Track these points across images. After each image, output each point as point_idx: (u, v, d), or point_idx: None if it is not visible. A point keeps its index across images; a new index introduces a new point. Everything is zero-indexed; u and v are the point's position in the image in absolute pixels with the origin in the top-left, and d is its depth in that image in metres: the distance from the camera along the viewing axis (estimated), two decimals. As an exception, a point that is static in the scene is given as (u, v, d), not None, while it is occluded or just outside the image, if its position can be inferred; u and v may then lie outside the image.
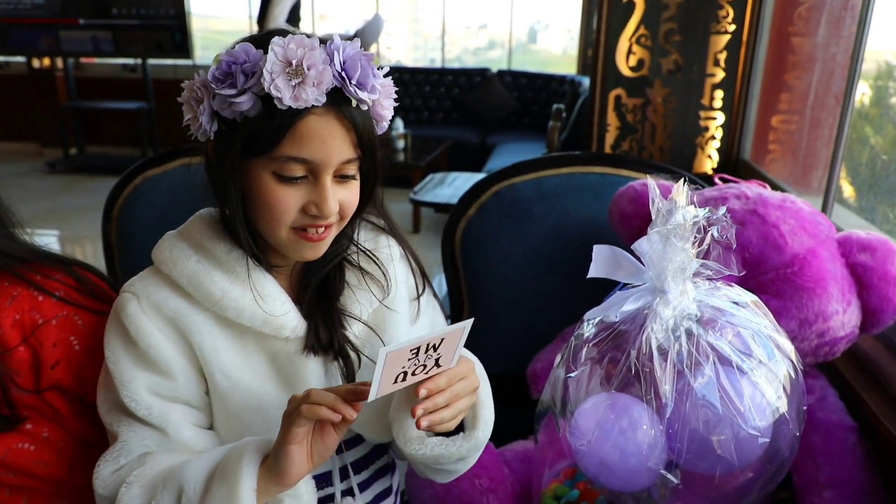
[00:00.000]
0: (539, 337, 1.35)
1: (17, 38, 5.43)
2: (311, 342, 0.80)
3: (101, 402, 0.81)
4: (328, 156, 0.72)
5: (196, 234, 0.80)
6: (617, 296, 0.82)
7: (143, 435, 0.78)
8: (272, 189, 0.73)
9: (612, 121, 2.14)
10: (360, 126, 0.73)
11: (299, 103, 0.68)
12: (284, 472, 0.68)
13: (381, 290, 0.85)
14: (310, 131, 0.71)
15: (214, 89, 0.70)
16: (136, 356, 0.78)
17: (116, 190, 1.36)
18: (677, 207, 0.73)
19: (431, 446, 0.78)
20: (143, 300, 0.78)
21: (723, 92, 2.03)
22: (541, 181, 1.39)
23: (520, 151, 4.42)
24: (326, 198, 0.73)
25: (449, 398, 0.71)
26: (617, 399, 0.79)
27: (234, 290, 0.77)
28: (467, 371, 0.73)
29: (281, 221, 0.74)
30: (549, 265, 1.37)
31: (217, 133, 0.73)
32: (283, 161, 0.72)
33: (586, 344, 0.83)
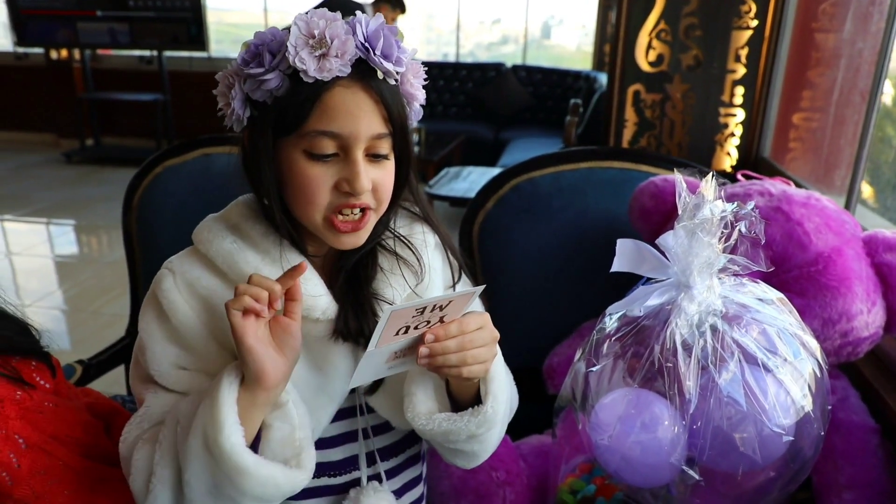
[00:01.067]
0: (556, 332, 1.35)
1: (36, 30, 5.48)
2: (339, 327, 0.80)
3: (132, 375, 0.84)
4: (357, 129, 0.72)
5: (234, 217, 0.82)
6: (640, 290, 0.82)
7: (165, 400, 0.80)
8: (303, 168, 0.73)
9: (630, 116, 2.12)
10: (388, 99, 0.73)
11: (324, 74, 0.69)
12: (257, 372, 0.68)
13: (415, 276, 0.85)
14: (337, 103, 0.71)
15: (244, 70, 0.71)
16: (167, 330, 0.79)
17: (136, 180, 1.37)
18: (705, 202, 0.73)
19: (439, 422, 0.78)
20: (179, 277, 0.79)
21: (743, 88, 2.01)
22: (560, 175, 1.38)
23: (534, 147, 4.40)
24: (358, 173, 0.73)
25: (460, 344, 0.71)
26: (638, 394, 0.79)
27: (267, 270, 0.78)
28: (483, 321, 0.73)
29: (314, 203, 0.74)
30: (567, 260, 1.36)
31: (250, 119, 0.75)
32: (312, 137, 0.72)
33: (608, 338, 0.82)
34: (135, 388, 0.83)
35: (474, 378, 0.74)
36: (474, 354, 0.72)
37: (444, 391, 0.82)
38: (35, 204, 4.58)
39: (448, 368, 0.72)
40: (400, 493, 0.89)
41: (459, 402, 0.81)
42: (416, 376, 0.79)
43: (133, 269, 1.42)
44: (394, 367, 0.73)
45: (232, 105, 0.73)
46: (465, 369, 0.72)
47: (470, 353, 0.71)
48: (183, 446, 0.71)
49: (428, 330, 0.70)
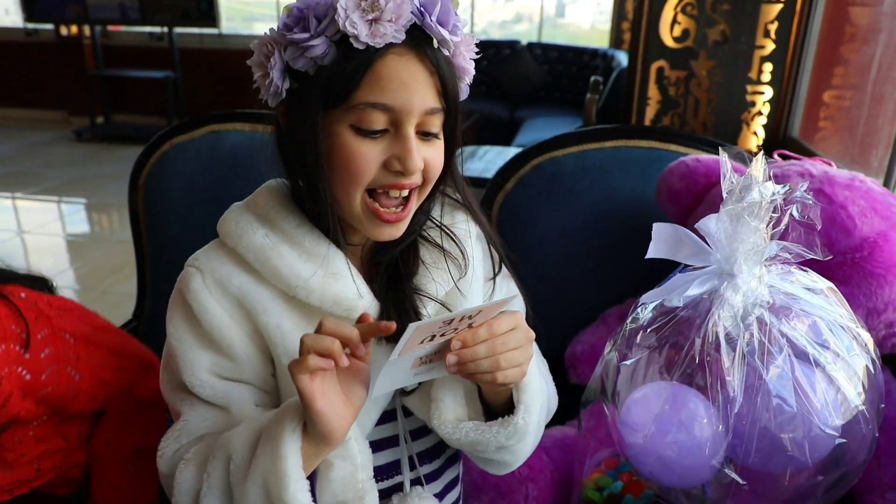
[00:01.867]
0: (578, 318, 1.29)
1: (45, 5, 5.43)
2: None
3: (163, 381, 0.78)
4: (410, 101, 0.66)
5: (263, 206, 0.76)
6: (677, 278, 0.76)
7: (204, 414, 0.75)
8: (350, 144, 0.67)
9: (654, 94, 2.05)
10: (444, 70, 0.67)
11: (377, 40, 0.63)
12: (324, 432, 0.62)
13: (458, 270, 0.80)
14: (389, 72, 0.65)
15: (286, 36, 0.65)
16: (198, 335, 0.74)
17: (143, 157, 1.32)
18: (754, 183, 0.66)
19: (465, 431, 0.73)
20: (208, 275, 0.74)
21: (772, 65, 1.92)
22: (584, 155, 1.31)
23: (550, 126, 4.32)
24: (411, 149, 0.67)
25: (491, 349, 0.65)
26: (675, 390, 0.74)
27: (304, 267, 0.72)
28: (516, 321, 0.67)
29: (359, 182, 0.69)
30: (590, 243, 1.30)
31: (289, 92, 0.69)
32: (361, 109, 0.66)
33: (642, 329, 0.77)
34: (167, 395, 0.77)
35: (511, 383, 0.69)
36: (508, 358, 0.66)
37: (477, 395, 0.77)
38: (45, 182, 4.56)
39: (481, 375, 0.66)
40: (441, 496, 0.85)
41: (493, 407, 0.76)
42: (445, 380, 0.74)
43: (140, 250, 1.37)
44: (420, 373, 0.68)
45: (271, 75, 0.67)
46: (499, 374, 0.66)
47: (503, 357, 0.65)
48: (240, 489, 0.66)
49: (455, 336, 0.64)
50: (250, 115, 1.31)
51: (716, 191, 1.11)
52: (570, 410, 1.24)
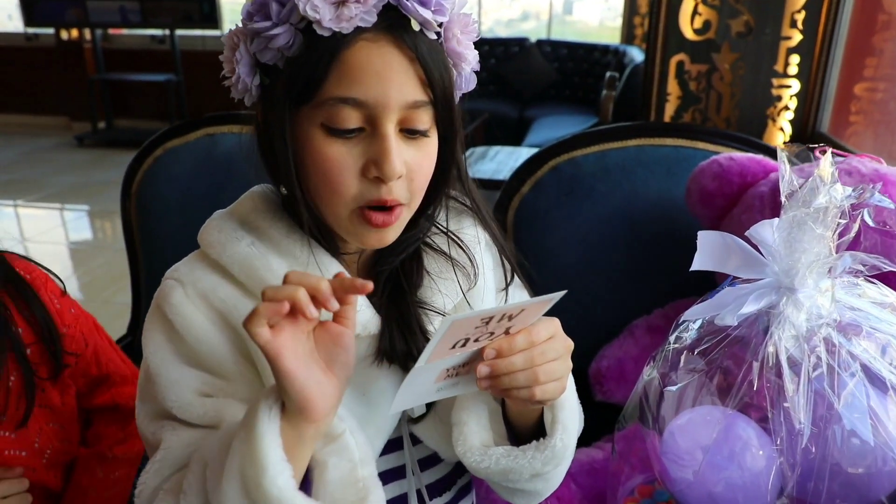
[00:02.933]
0: (603, 331, 1.21)
1: (45, 9, 5.38)
2: (384, 347, 0.66)
3: (139, 413, 0.69)
4: (385, 94, 0.58)
5: (249, 213, 0.68)
6: (726, 293, 0.67)
7: (188, 440, 0.65)
8: (322, 146, 0.59)
9: (673, 90, 1.95)
10: (426, 56, 0.59)
11: (343, 25, 0.56)
12: (301, 402, 0.52)
13: (467, 280, 0.72)
14: (360, 62, 0.57)
15: (248, 25, 0.59)
16: (184, 353, 0.66)
17: (135, 163, 1.25)
18: (822, 185, 0.57)
19: (496, 458, 0.65)
20: (190, 288, 0.66)
21: (799, 57, 1.83)
22: (605, 155, 1.23)
23: (561, 125, 4.22)
24: (388, 150, 0.59)
25: (529, 360, 0.56)
26: (729, 420, 0.65)
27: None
28: (555, 328, 0.59)
29: (338, 191, 0.60)
30: (613, 250, 1.22)
31: (260, 89, 0.61)
32: (330, 106, 0.58)
33: (687, 350, 0.68)
34: (145, 428, 0.68)
35: (548, 400, 0.60)
36: (547, 370, 0.57)
37: (500, 416, 0.69)
38: (47, 189, 4.50)
39: (517, 391, 0.57)
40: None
41: (518, 430, 0.68)
42: (466, 400, 0.66)
43: (134, 261, 1.30)
44: (444, 388, 0.60)
45: (237, 71, 0.60)
46: (537, 389, 0.57)
47: (542, 370, 0.57)
48: (215, 494, 0.55)
49: (489, 344, 0.56)
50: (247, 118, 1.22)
51: (752, 192, 1.03)
52: (595, 431, 1.15)
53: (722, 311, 0.65)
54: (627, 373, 1.12)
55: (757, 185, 1.03)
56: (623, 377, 1.12)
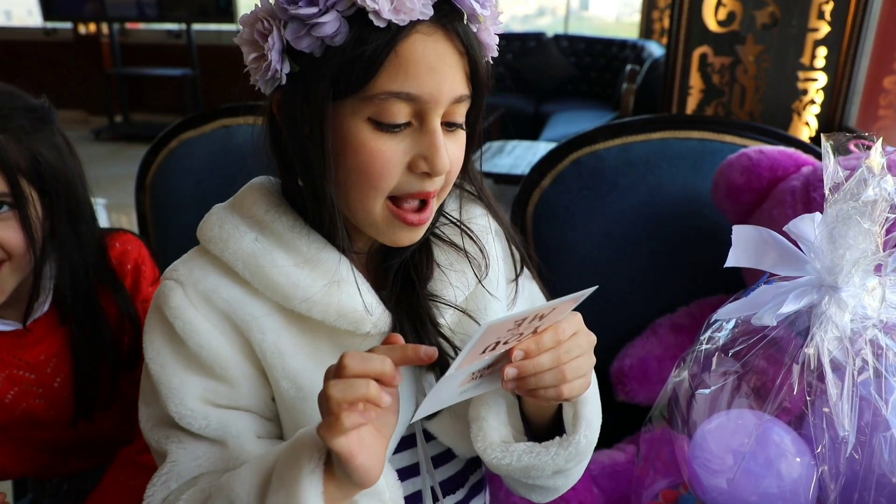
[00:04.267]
0: (624, 329, 1.18)
1: (64, 4, 5.40)
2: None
3: (142, 417, 0.67)
4: (438, 88, 0.56)
5: (252, 207, 0.65)
6: (762, 291, 0.64)
7: (195, 452, 0.64)
8: (368, 140, 0.57)
9: (696, 83, 1.91)
10: (475, 50, 0.57)
11: (401, 17, 0.53)
12: (361, 481, 0.51)
13: (479, 270, 0.69)
14: (416, 55, 0.55)
15: (289, 11, 0.54)
16: (185, 358, 0.63)
17: (150, 155, 1.23)
18: (871, 177, 0.54)
19: (518, 454, 0.63)
20: (190, 289, 0.63)
21: (826, 49, 1.78)
22: (628, 148, 1.20)
23: (578, 120, 4.17)
24: (439, 146, 0.57)
25: (556, 359, 0.55)
26: (766, 426, 0.62)
27: (301, 275, 0.62)
28: (578, 323, 0.58)
29: (380, 186, 0.58)
30: (637, 245, 1.18)
31: (290, 77, 0.57)
32: (381, 100, 0.56)
33: (720, 351, 0.65)
34: (148, 434, 0.66)
35: (574, 397, 0.59)
36: (573, 367, 0.56)
37: (518, 410, 0.67)
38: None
39: (544, 390, 0.56)
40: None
41: (535, 424, 0.66)
42: (484, 396, 0.64)
43: (149, 255, 1.28)
44: (468, 390, 0.58)
45: (268, 58, 0.56)
46: (564, 388, 0.56)
47: (568, 367, 0.56)
48: None
49: (516, 346, 0.54)
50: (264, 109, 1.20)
51: (783, 186, 0.99)
52: (617, 432, 1.12)
53: (758, 310, 0.62)
54: (650, 372, 1.09)
55: (788, 179, 0.99)
56: (646, 377, 1.09)
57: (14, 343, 0.88)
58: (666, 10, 4.67)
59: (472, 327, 0.68)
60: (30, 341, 0.89)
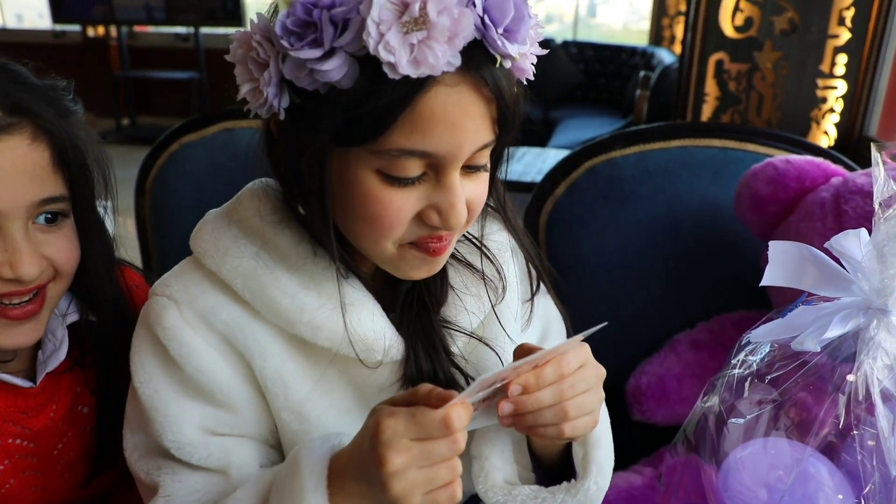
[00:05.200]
0: (641, 345, 1.13)
1: (71, 6, 5.41)
2: (410, 372, 0.60)
3: (128, 446, 0.62)
4: (459, 145, 0.50)
5: (252, 218, 0.59)
6: (801, 312, 0.59)
7: (193, 486, 0.58)
8: (375, 191, 0.51)
9: (711, 90, 1.86)
10: (506, 95, 0.50)
11: (422, 70, 0.45)
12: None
13: (494, 293, 0.64)
14: (435, 111, 0.48)
15: (287, 49, 0.47)
16: (182, 383, 0.58)
17: (150, 159, 1.19)
18: (928, 190, 0.49)
19: (522, 499, 0.59)
20: (186, 307, 0.58)
21: (847, 56, 1.73)
22: (646, 156, 1.15)
23: (588, 126, 4.13)
24: (454, 203, 0.52)
25: (557, 395, 0.51)
26: (792, 452, 0.57)
27: (308, 297, 0.57)
28: (585, 355, 0.53)
29: (387, 235, 0.53)
30: (654, 258, 1.14)
31: (289, 109, 0.51)
32: (393, 156, 0.49)
33: (754, 377, 0.60)
34: (135, 464, 0.61)
35: (578, 437, 0.54)
36: (577, 404, 0.52)
37: (525, 445, 0.62)
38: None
39: (543, 428, 0.51)
40: None
41: (544, 461, 0.62)
42: (488, 431, 0.60)
43: (147, 260, 1.25)
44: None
45: (265, 93, 0.49)
46: (566, 426, 0.52)
47: (571, 404, 0.51)
48: None
49: (514, 379, 0.49)
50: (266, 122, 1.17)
51: (812, 198, 0.94)
52: (632, 453, 1.07)
53: (797, 332, 0.57)
54: (669, 391, 1.04)
55: (817, 190, 0.95)
56: (664, 396, 1.04)
57: (16, 406, 0.70)
58: (676, 16, 4.63)
59: (487, 355, 0.64)
60: (37, 403, 0.71)
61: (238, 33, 0.51)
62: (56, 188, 0.63)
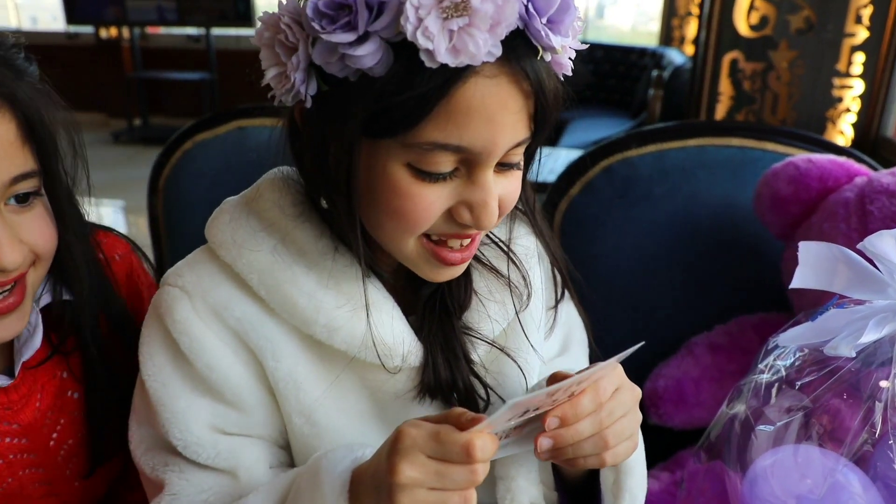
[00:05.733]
0: (657, 348, 1.11)
1: (85, 8, 5.45)
2: (428, 380, 0.58)
3: (133, 438, 0.60)
4: (495, 141, 0.47)
5: (271, 209, 0.57)
6: (831, 316, 0.57)
7: (201, 485, 0.57)
8: (405, 185, 0.49)
9: (725, 89, 1.84)
10: (546, 90, 0.48)
11: (461, 59, 0.43)
12: None
13: (519, 300, 0.62)
14: (472, 104, 0.45)
15: (318, 31, 0.44)
16: (192, 379, 0.56)
17: (163, 157, 1.19)
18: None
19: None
20: (198, 300, 0.56)
21: (864, 55, 1.71)
22: (664, 155, 1.13)
23: (598, 127, 4.11)
24: (488, 201, 0.50)
25: (597, 424, 0.48)
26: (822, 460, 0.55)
27: (326, 296, 0.55)
28: (619, 378, 0.51)
29: (415, 230, 0.51)
30: (671, 258, 1.12)
31: (317, 97, 0.49)
32: (425, 150, 0.47)
33: (782, 382, 0.58)
34: (141, 458, 0.59)
35: (619, 462, 0.52)
36: (617, 431, 0.49)
37: (549, 464, 0.60)
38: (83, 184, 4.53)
39: (584, 459, 0.49)
40: None
41: (571, 480, 0.60)
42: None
43: (160, 259, 1.24)
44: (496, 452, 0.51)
45: (292, 78, 0.47)
46: (607, 455, 0.49)
47: (611, 432, 0.49)
48: None
49: (550, 411, 0.47)
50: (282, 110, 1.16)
51: (835, 198, 0.92)
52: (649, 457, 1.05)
53: (828, 337, 0.55)
54: (687, 395, 1.02)
55: (840, 190, 0.93)
56: (682, 399, 1.02)
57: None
58: (686, 17, 4.60)
59: (509, 365, 0.62)
60: (20, 395, 0.66)
61: (266, 15, 0.49)
62: (26, 163, 0.56)
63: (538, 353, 0.64)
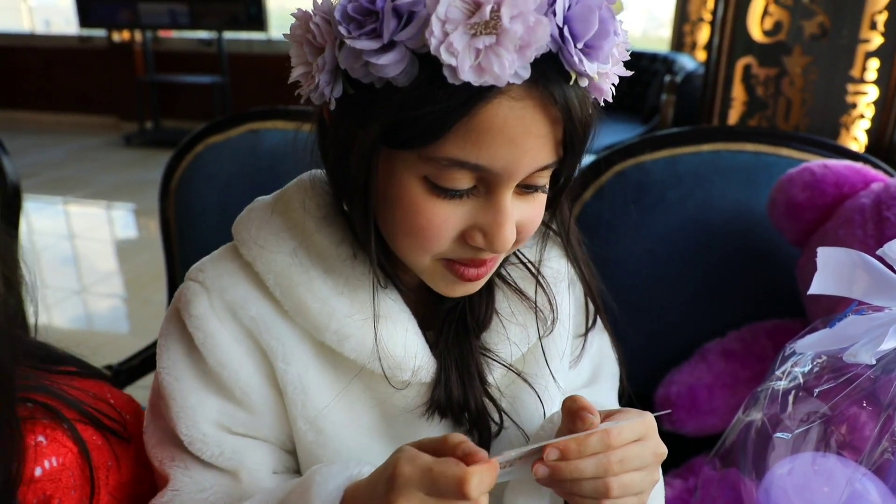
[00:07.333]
0: (669, 353, 1.10)
1: (98, 11, 5.50)
2: (439, 397, 0.57)
3: (147, 430, 0.60)
4: (516, 164, 0.46)
5: (297, 210, 0.56)
6: (852, 323, 0.57)
7: (202, 483, 0.57)
8: (419, 200, 0.48)
9: (738, 95, 1.83)
10: (575, 118, 0.45)
11: (485, 79, 0.41)
12: None
13: (543, 325, 0.60)
14: (495, 124, 0.44)
15: (344, 36, 0.43)
16: (204, 375, 0.56)
17: (174, 161, 1.19)
18: None
19: None
20: (216, 297, 0.56)
21: (879, 61, 1.69)
22: (677, 160, 1.13)
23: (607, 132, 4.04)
24: (502, 224, 0.48)
25: (602, 468, 0.46)
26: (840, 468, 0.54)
27: (340, 303, 0.54)
28: (644, 428, 0.49)
29: (429, 249, 0.50)
30: (684, 264, 1.11)
31: (341, 100, 0.48)
32: (443, 165, 0.46)
33: (800, 389, 0.58)
34: (152, 450, 0.59)
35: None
36: (624, 482, 0.47)
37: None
38: (95, 186, 4.57)
39: (581, 499, 0.48)
40: None
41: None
42: (525, 482, 0.56)
43: (171, 262, 1.24)
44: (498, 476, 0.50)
45: (317, 79, 0.47)
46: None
47: (617, 482, 0.47)
48: None
49: (553, 443, 0.46)
50: (294, 113, 1.16)
51: (851, 204, 0.91)
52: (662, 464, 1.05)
53: (847, 343, 0.54)
54: (700, 401, 1.01)
55: (856, 196, 0.92)
56: (695, 406, 1.01)
57: None
58: (698, 22, 4.58)
59: (526, 392, 0.60)
60: None
61: (300, 11, 0.48)
62: None
63: (558, 382, 0.62)
